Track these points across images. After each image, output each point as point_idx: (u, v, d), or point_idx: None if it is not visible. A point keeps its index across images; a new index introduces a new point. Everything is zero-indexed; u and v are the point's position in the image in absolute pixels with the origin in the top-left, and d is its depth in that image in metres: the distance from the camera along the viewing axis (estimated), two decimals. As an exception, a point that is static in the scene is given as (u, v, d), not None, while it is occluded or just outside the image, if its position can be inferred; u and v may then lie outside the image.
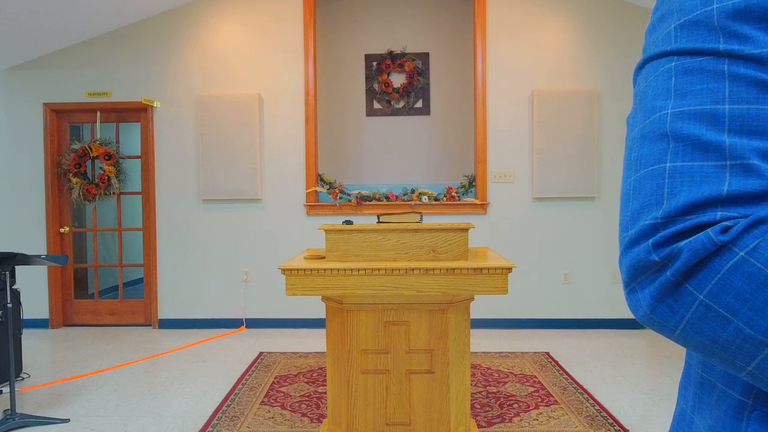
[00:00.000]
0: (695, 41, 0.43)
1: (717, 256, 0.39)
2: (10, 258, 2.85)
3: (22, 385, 3.54)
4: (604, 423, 2.85)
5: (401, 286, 2.18)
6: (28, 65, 5.05)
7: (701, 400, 0.49)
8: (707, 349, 0.41)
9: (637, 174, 0.45)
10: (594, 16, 4.87)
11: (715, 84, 0.42)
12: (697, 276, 0.40)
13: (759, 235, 0.38)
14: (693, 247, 0.40)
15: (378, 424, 2.31)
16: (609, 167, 4.87)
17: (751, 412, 0.44)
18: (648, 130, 0.45)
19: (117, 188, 5.04)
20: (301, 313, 4.99)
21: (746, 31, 0.41)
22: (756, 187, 0.39)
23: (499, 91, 4.91)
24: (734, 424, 0.45)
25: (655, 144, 0.44)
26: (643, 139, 0.45)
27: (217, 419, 2.95)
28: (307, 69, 4.95)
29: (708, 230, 0.39)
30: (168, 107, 5.02)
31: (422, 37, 5.24)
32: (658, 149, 0.43)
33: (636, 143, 0.46)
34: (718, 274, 0.39)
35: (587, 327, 4.91)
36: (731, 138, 0.40)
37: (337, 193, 4.90)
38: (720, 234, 0.39)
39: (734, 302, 0.39)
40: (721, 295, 0.39)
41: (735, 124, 0.41)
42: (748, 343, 0.39)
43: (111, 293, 6.27)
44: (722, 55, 0.42)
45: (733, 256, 0.39)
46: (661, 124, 0.44)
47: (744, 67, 0.41)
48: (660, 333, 0.45)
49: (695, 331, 0.41)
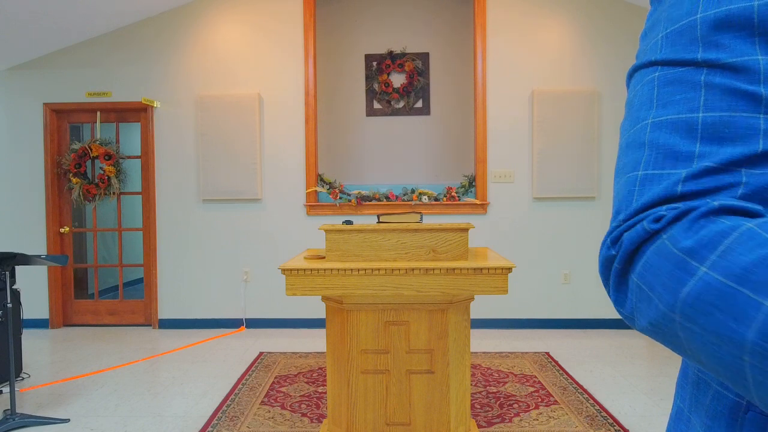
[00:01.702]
0: (677, 51, 0.44)
1: (649, 242, 0.41)
2: (10, 258, 2.85)
3: (22, 385, 3.55)
4: (604, 423, 2.85)
5: (401, 286, 2.18)
6: (28, 65, 5.05)
7: (697, 400, 0.50)
8: (654, 335, 0.42)
9: (619, 182, 0.47)
10: (594, 16, 4.88)
11: (692, 93, 0.43)
12: (633, 261, 0.43)
13: (686, 222, 0.39)
14: (630, 236, 0.43)
15: (378, 424, 2.31)
16: (609, 167, 4.87)
17: (745, 413, 0.44)
18: (632, 139, 0.47)
19: (117, 188, 5.04)
20: (301, 313, 4.99)
21: (725, 40, 0.42)
22: (708, 185, 0.40)
23: (499, 91, 4.91)
24: (729, 425, 0.45)
25: (636, 152, 0.45)
26: (628, 148, 0.47)
27: (217, 419, 2.95)
28: (307, 69, 4.96)
29: (644, 221, 0.42)
30: (168, 107, 5.02)
31: (422, 37, 5.24)
32: (636, 157, 0.45)
33: (622, 151, 0.48)
34: (644, 255, 0.42)
35: (587, 327, 4.91)
36: (703, 146, 0.41)
37: (337, 193, 4.90)
38: (652, 222, 0.41)
39: (653, 279, 0.40)
40: (644, 275, 0.41)
41: (707, 131, 0.41)
42: (665, 320, 0.39)
43: (111, 293, 6.27)
44: (700, 65, 0.43)
45: (658, 239, 0.41)
46: (641, 133, 0.45)
47: (720, 76, 0.42)
48: (633, 327, 0.46)
49: (641, 315, 0.43)
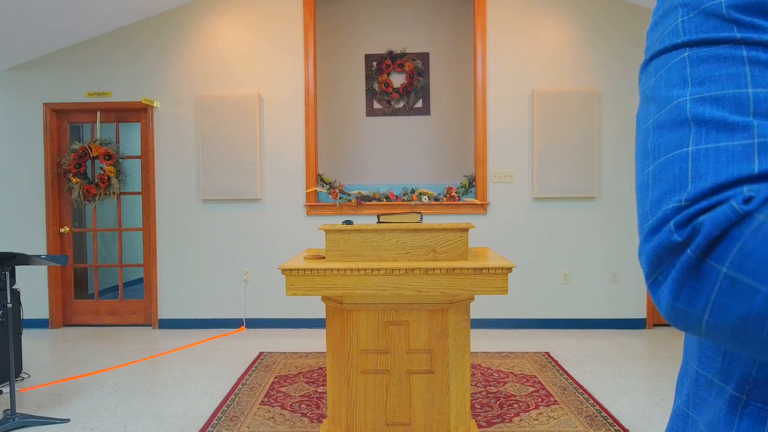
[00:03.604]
0: (708, 32, 0.43)
1: (739, 226, 0.37)
2: (10, 258, 2.85)
3: (22, 385, 3.54)
4: (603, 423, 2.85)
5: (401, 286, 2.18)
6: (28, 65, 5.05)
7: (698, 396, 0.50)
8: (739, 333, 0.38)
9: (656, 163, 0.43)
10: (594, 16, 4.87)
11: (735, 69, 0.41)
12: (718, 248, 0.38)
13: None
14: (714, 219, 0.38)
15: (378, 424, 2.31)
16: (609, 167, 4.87)
17: (745, 407, 0.44)
18: (665, 119, 0.44)
19: (117, 188, 5.04)
20: (301, 313, 4.99)
21: (758, 22, 0.41)
22: None
23: (499, 91, 4.91)
24: (728, 419, 0.45)
25: (674, 131, 0.43)
26: (660, 129, 0.44)
27: (217, 419, 2.95)
28: (307, 69, 4.96)
29: (731, 201, 0.38)
30: (168, 107, 5.02)
31: (422, 37, 5.24)
32: (678, 135, 0.42)
33: (652, 133, 0.45)
34: (739, 241, 0.37)
35: (587, 327, 4.91)
36: (758, 120, 0.39)
37: (337, 193, 4.90)
38: (743, 204, 0.37)
39: (759, 268, 0.36)
40: (744, 263, 0.37)
41: (761, 107, 0.40)
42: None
43: (111, 293, 6.27)
44: (739, 43, 0.41)
45: (755, 222, 0.37)
46: (680, 111, 0.43)
47: (763, 52, 0.41)
48: (685, 328, 0.41)
49: (723, 312, 0.38)
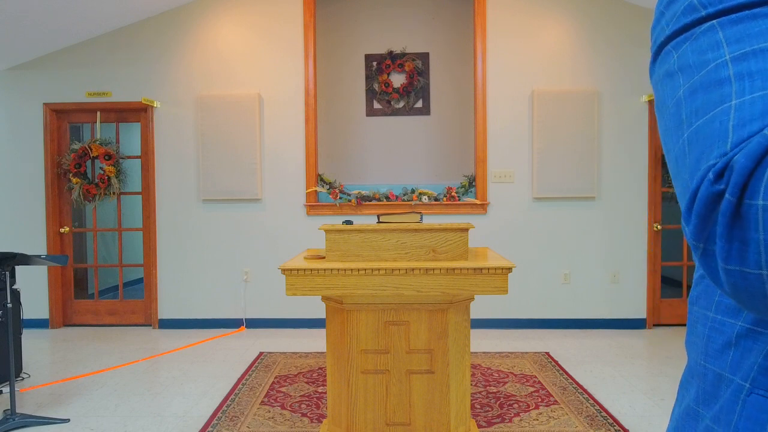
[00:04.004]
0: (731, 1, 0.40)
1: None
2: (10, 258, 2.85)
3: (22, 385, 3.54)
4: (603, 423, 2.85)
5: (401, 286, 2.18)
6: (28, 65, 5.05)
7: (705, 391, 0.50)
8: None
9: (693, 126, 0.40)
10: (594, 16, 4.88)
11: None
12: (752, 182, 0.34)
13: None
14: (748, 151, 0.34)
15: (378, 424, 2.31)
16: (609, 167, 4.87)
17: (748, 395, 0.45)
18: (700, 83, 0.40)
19: (117, 188, 5.04)
20: (301, 313, 4.99)
21: None
22: None
23: (499, 91, 4.91)
24: (731, 407, 0.46)
25: (713, 91, 0.39)
26: (695, 93, 0.41)
27: (217, 419, 2.95)
28: (307, 69, 4.96)
29: (764, 130, 0.34)
30: (168, 107, 5.02)
31: (422, 37, 5.24)
32: (718, 94, 0.39)
33: (686, 101, 0.41)
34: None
35: (587, 327, 4.91)
36: None
37: (337, 193, 4.90)
38: None
39: None
40: None
41: None
42: None
43: (111, 293, 6.27)
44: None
45: None
46: (718, 70, 0.39)
47: None
48: (750, 298, 0.36)
49: None
